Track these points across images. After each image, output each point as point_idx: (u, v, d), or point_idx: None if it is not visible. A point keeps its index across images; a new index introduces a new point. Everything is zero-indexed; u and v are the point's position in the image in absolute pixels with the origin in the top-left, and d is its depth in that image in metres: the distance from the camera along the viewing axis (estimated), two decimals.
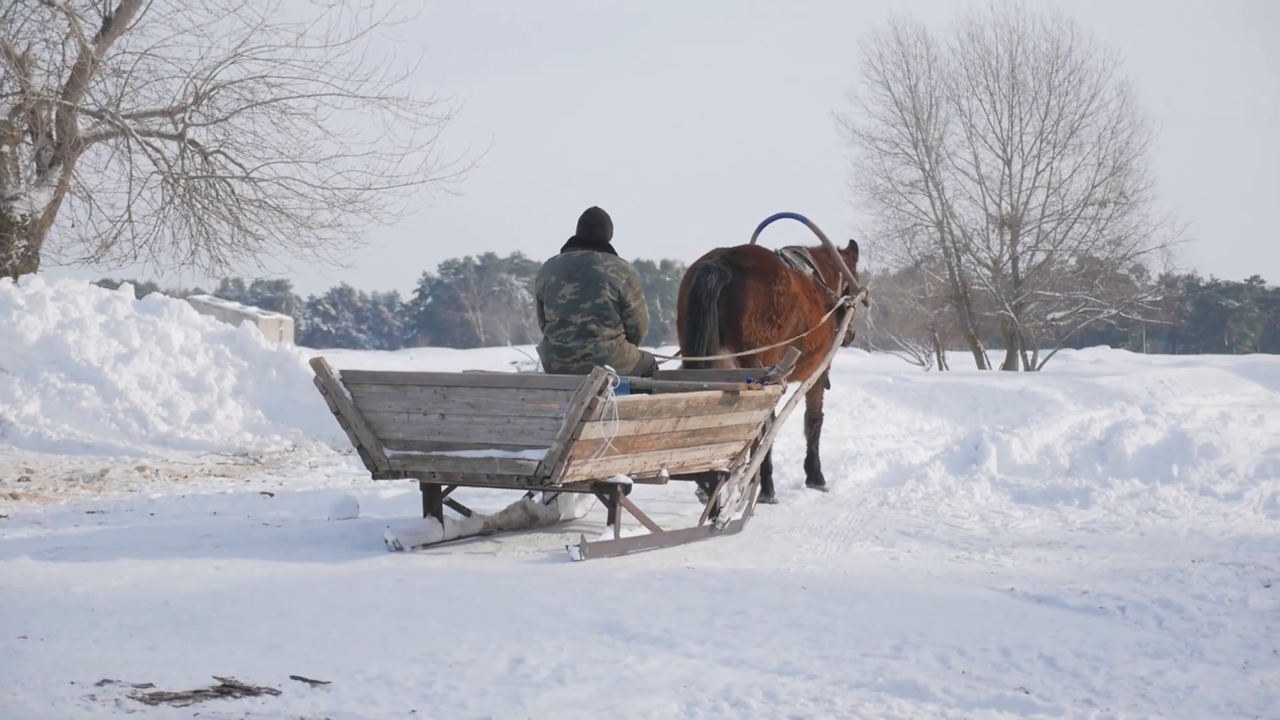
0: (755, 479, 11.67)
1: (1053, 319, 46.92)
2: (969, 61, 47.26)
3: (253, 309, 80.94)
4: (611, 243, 10.94)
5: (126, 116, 17.05)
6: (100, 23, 17.60)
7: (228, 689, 6.10)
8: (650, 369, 11.04)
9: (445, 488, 10.36)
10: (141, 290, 21.51)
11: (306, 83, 17.59)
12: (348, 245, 18.52)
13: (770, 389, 11.25)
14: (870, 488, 13.74)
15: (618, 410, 9.52)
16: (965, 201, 47.66)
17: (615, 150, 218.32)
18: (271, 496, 12.75)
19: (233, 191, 17.66)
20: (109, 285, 21.38)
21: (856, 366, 36.63)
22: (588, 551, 9.54)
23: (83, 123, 17.71)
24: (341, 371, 10.14)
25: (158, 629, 7.22)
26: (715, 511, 10.92)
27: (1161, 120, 60.79)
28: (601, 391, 9.33)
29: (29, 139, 18.58)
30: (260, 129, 17.91)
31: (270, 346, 19.33)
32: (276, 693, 6.10)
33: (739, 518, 11.22)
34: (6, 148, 18.15)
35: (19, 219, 18.55)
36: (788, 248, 13.58)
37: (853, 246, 14.71)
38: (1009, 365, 46.16)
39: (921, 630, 7.54)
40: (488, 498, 12.27)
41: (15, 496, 12.34)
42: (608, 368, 9.41)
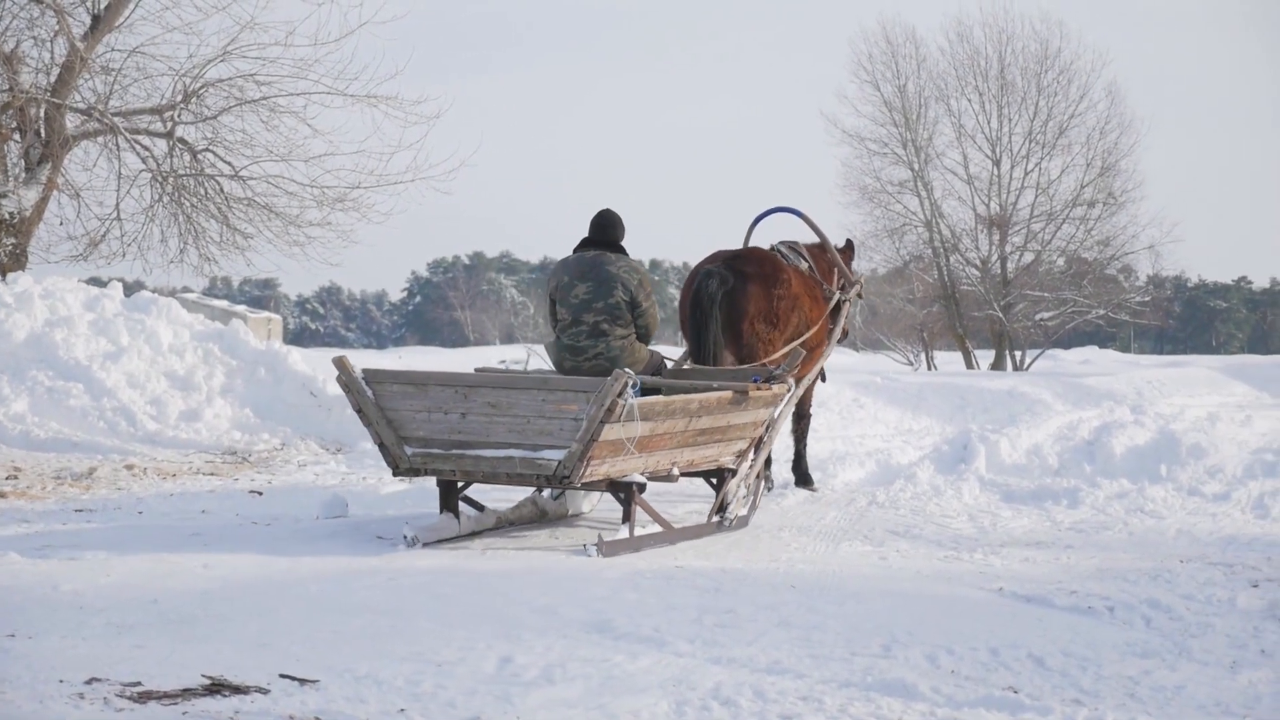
0: (760, 476, 11.88)
1: (1041, 319, 46.92)
2: (958, 62, 47.31)
3: (241, 307, 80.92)
4: (623, 244, 11.12)
5: (115, 114, 17.03)
6: (89, 20, 17.58)
7: (216, 688, 6.09)
8: (659, 368, 11.21)
9: (461, 485, 10.57)
10: (130, 288, 21.46)
11: (296, 81, 17.59)
12: (337, 244, 18.52)
13: (777, 388, 11.52)
14: (859, 487, 13.75)
15: (638, 411, 9.77)
16: (954, 201, 47.72)
17: (606, 149, 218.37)
18: (260, 495, 12.74)
19: (221, 190, 17.63)
20: (97, 283, 21.33)
21: (845, 366, 36.65)
22: (605, 550, 9.72)
23: (71, 120, 17.68)
24: (364, 370, 10.35)
25: (146, 627, 7.21)
26: (723, 508, 11.15)
27: (1150, 121, 60.85)
28: (621, 393, 9.54)
29: (17, 136, 18.55)
30: (249, 127, 17.90)
31: (259, 345, 19.30)
32: (265, 691, 6.09)
33: (745, 513, 11.43)
34: None
35: (7, 216, 18.52)
36: (783, 242, 13.66)
37: (849, 246, 14.74)
38: (997, 365, 46.18)
39: (910, 629, 7.55)
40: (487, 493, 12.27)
41: (3, 495, 12.31)
42: (627, 370, 9.64)
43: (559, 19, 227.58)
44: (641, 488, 10.29)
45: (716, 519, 11.13)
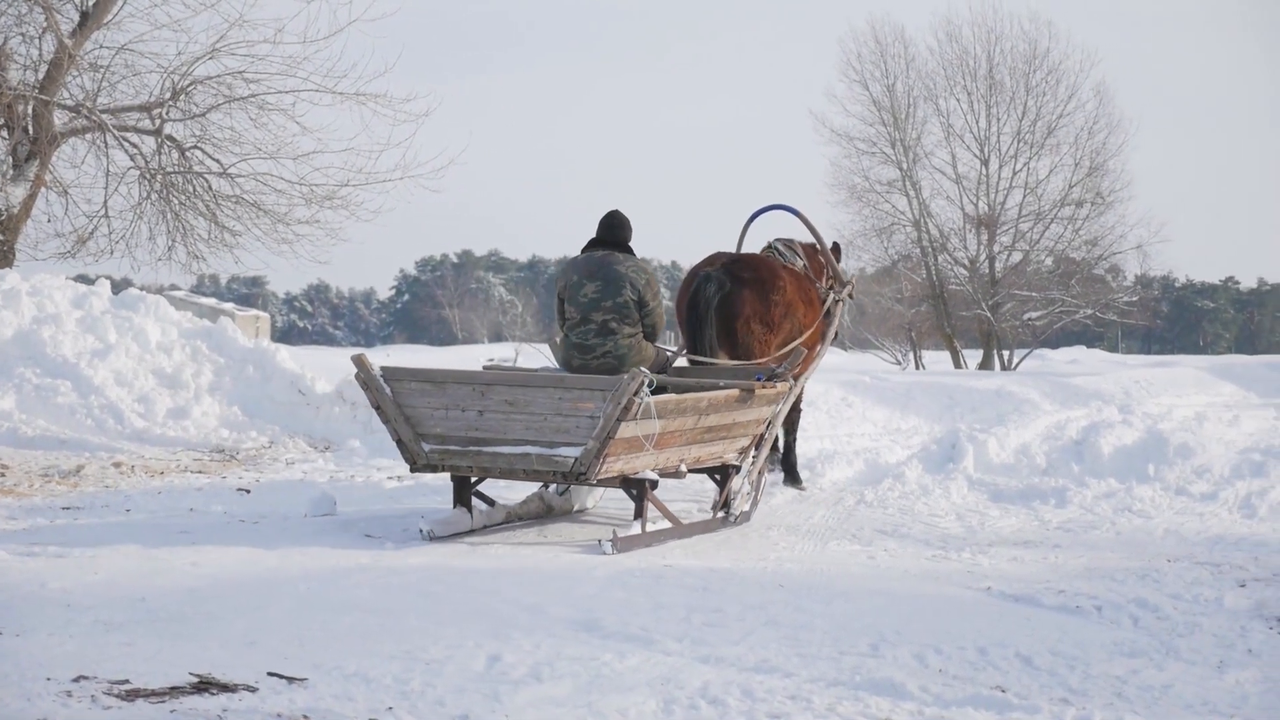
0: (762, 472, 12.09)
1: (1029, 319, 47.01)
2: (947, 61, 47.41)
3: (229, 305, 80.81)
4: (631, 244, 11.31)
5: (103, 111, 17.00)
6: (77, 17, 17.55)
7: (204, 686, 6.08)
8: (664, 366, 11.39)
9: (475, 480, 10.79)
10: (118, 286, 21.42)
11: (284, 78, 17.56)
12: (325, 242, 18.50)
13: (780, 386, 11.79)
14: (847, 486, 13.75)
15: (653, 410, 10.00)
16: (942, 201, 47.84)
17: (597, 149, 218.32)
18: (248, 493, 12.72)
19: (210, 187, 17.61)
20: (85, 280, 21.29)
21: (833, 365, 36.67)
22: (619, 545, 9.92)
23: (59, 117, 17.65)
24: (382, 368, 10.57)
25: (134, 625, 7.20)
26: (727, 504, 11.38)
27: (1138, 121, 60.95)
28: (638, 392, 9.76)
29: (5, 133, 18.51)
30: (238, 125, 17.88)
31: (247, 343, 19.28)
32: (253, 689, 6.08)
33: (748, 509, 11.67)
34: None
35: None
36: (779, 240, 13.76)
37: (835, 248, 14.76)
38: (985, 365, 46.25)
39: (899, 629, 7.56)
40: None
41: None
42: (643, 370, 9.87)
43: (556, 19, 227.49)
44: (654, 484, 10.52)
45: (721, 515, 11.36)
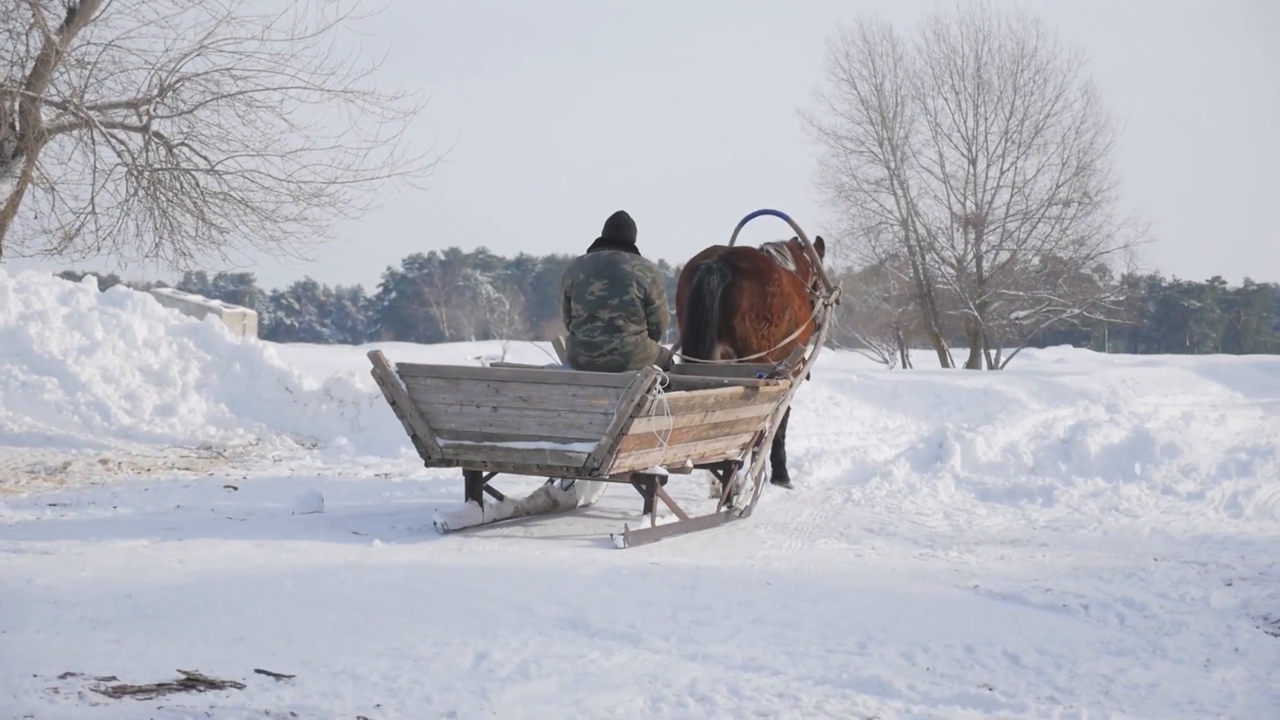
0: (763, 468, 12.31)
1: (1016, 318, 47.04)
2: (935, 60, 47.39)
3: (216, 302, 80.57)
4: (636, 244, 11.51)
5: (90, 108, 16.93)
6: (64, 13, 17.48)
7: (192, 682, 6.08)
8: (667, 363, 11.56)
9: (486, 475, 11.03)
10: (105, 283, 21.39)
11: (272, 75, 17.48)
12: (313, 239, 18.39)
13: (781, 383, 12.06)
14: (835, 485, 13.77)
15: (666, 406, 10.23)
16: (930, 200, 47.82)
17: (584, 147, 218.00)
18: (235, 490, 12.72)
19: (197, 184, 17.54)
20: (72, 277, 21.25)
21: (821, 364, 36.68)
22: (630, 540, 10.13)
23: (46, 114, 17.58)
24: (398, 364, 10.75)
25: (121, 622, 7.20)
26: (730, 499, 11.67)
27: (1125, 121, 61.07)
28: (651, 389, 9.96)
29: None
30: (225, 121, 17.78)
31: (234, 340, 19.26)
32: (241, 686, 6.08)
33: (750, 504, 11.90)
34: None
35: None
36: (769, 244, 13.86)
37: (819, 242, 14.80)
38: (972, 364, 46.28)
39: (886, 627, 7.57)
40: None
41: None
42: (656, 367, 10.09)
43: (548, 18, 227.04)
44: (663, 480, 10.76)
45: (725, 509, 11.61)
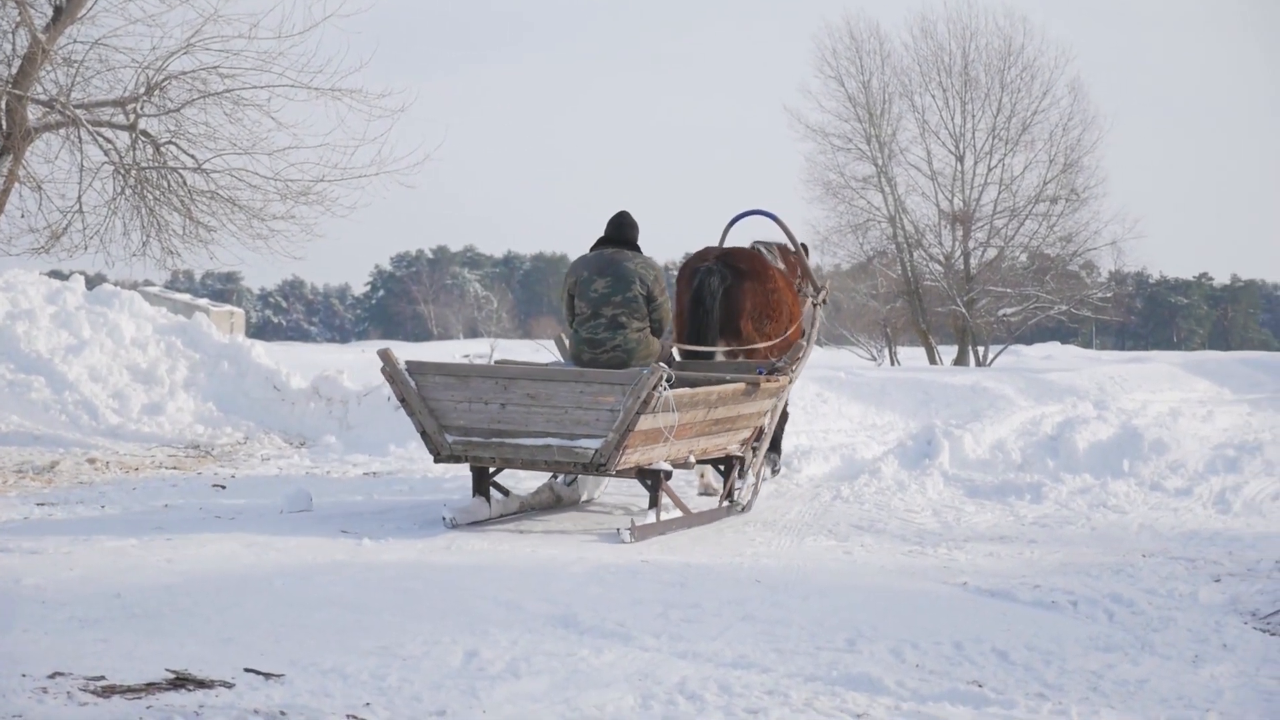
0: (763, 462, 12.53)
1: (1004, 315, 47.10)
2: (922, 57, 47.45)
3: (203, 301, 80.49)
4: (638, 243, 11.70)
5: (78, 106, 16.90)
6: (51, 12, 17.44)
7: (181, 682, 6.07)
8: (669, 359, 11.74)
9: (493, 471, 11.22)
10: (92, 281, 21.36)
11: (259, 73, 17.45)
12: (300, 237, 18.37)
13: (781, 379, 12.29)
14: (823, 482, 13.78)
15: (672, 403, 10.42)
16: (917, 197, 47.89)
17: (573, 145, 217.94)
18: (224, 489, 12.70)
19: (185, 183, 17.51)
20: (59, 276, 21.20)
21: (809, 361, 36.72)
22: (637, 534, 10.32)
23: (33, 112, 17.55)
24: (407, 362, 10.94)
25: (109, 621, 7.18)
26: (731, 494, 11.88)
27: (1113, 117, 61.08)
28: (657, 386, 10.11)
29: None
30: (213, 120, 17.76)
31: (222, 338, 19.24)
32: (230, 685, 6.07)
33: (751, 499, 12.11)
34: None
35: None
36: (759, 243, 13.97)
37: (804, 249, 14.84)
38: (960, 361, 46.33)
39: (875, 624, 7.57)
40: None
41: None
42: (662, 364, 10.27)
43: (540, 16, 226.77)
44: (668, 475, 10.90)
45: (727, 504, 11.79)
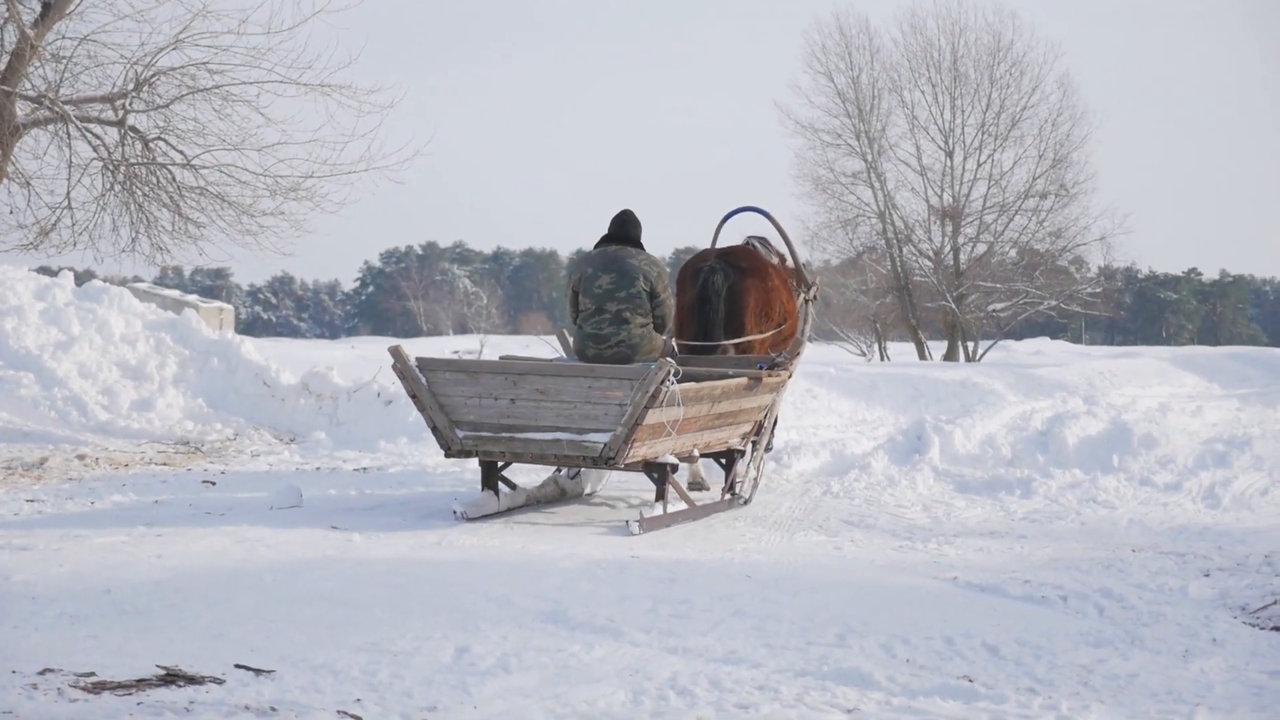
0: (763, 457, 12.77)
1: (993, 310, 47.17)
2: (911, 53, 47.54)
3: (193, 297, 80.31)
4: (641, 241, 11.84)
5: (66, 102, 16.87)
6: (39, 7, 17.42)
7: (171, 678, 6.06)
8: (671, 355, 11.76)
9: (501, 465, 11.37)
10: (81, 278, 21.31)
11: (248, 69, 17.44)
12: (290, 233, 18.35)
13: (781, 374, 12.56)
14: (813, 477, 13.79)
15: (678, 397, 10.62)
16: (907, 193, 47.97)
17: (562, 141, 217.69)
18: (214, 485, 12.69)
19: (174, 179, 17.48)
20: (48, 272, 21.19)
21: (802, 357, 36.70)
22: (645, 526, 10.52)
23: (21, 108, 17.52)
24: (418, 358, 11.20)
25: (100, 618, 7.17)
26: (733, 487, 12.08)
27: (1102, 113, 61.23)
28: (664, 380, 10.32)
29: None
30: (202, 116, 17.74)
31: (212, 335, 19.23)
32: (221, 681, 6.07)
33: (751, 491, 12.33)
34: None
35: None
36: (754, 238, 14.04)
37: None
38: (950, 356, 46.39)
39: (865, 619, 7.58)
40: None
41: None
42: (670, 359, 10.51)
43: (533, 13, 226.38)
44: (674, 468, 11.13)
45: (728, 497, 11.98)
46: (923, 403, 21.68)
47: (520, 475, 12.29)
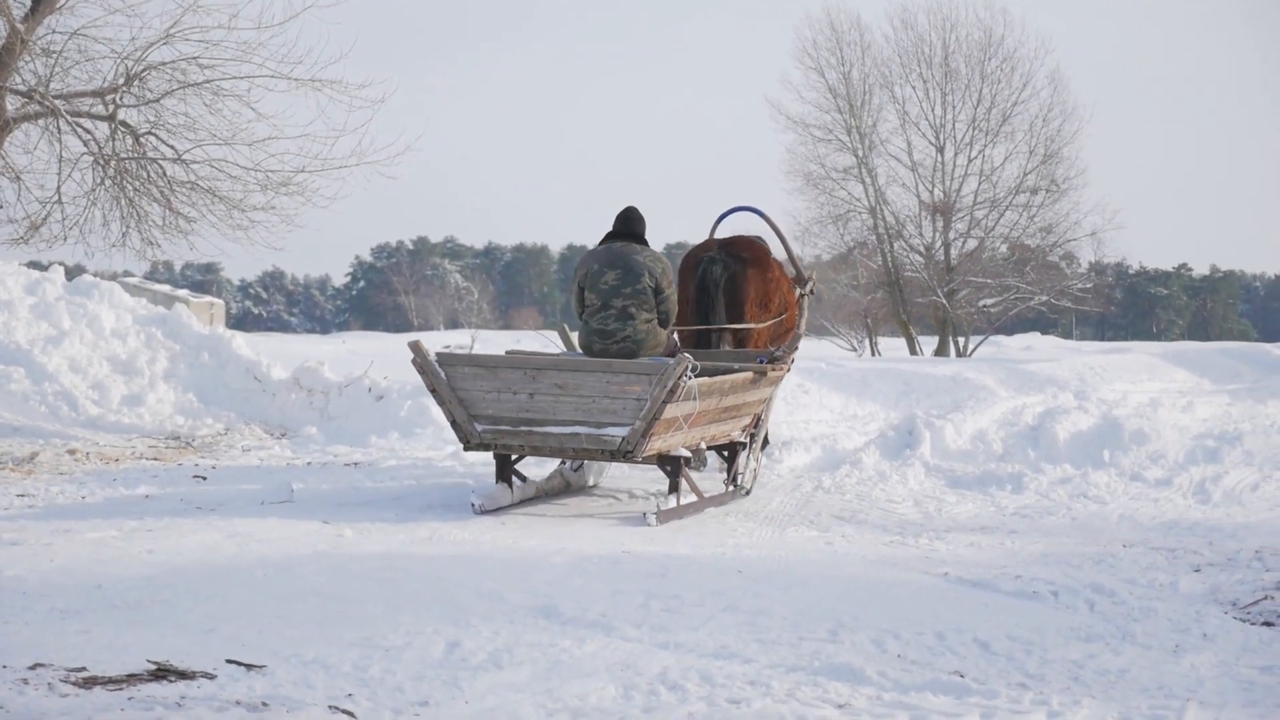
0: (760, 448, 12.94)
1: (984, 305, 47.17)
2: (902, 48, 47.48)
3: (183, 291, 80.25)
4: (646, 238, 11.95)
5: (56, 97, 16.83)
6: (29, 1, 17.40)
7: (162, 673, 6.06)
8: (674, 350, 11.85)
9: (515, 459, 11.59)
10: (71, 272, 21.29)
11: (239, 64, 17.41)
12: (280, 228, 18.32)
13: (782, 367, 12.73)
14: (805, 473, 13.79)
15: (695, 391, 10.84)
16: (898, 188, 47.92)
17: (555, 137, 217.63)
18: (204, 480, 12.67)
19: (164, 173, 17.45)
20: (38, 267, 21.15)
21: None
22: (662, 518, 10.75)
23: (11, 103, 17.49)
24: (437, 353, 11.36)
25: (90, 613, 7.17)
26: (735, 478, 12.33)
27: (1092, 109, 61.30)
28: (682, 375, 10.52)
29: None
30: (192, 110, 17.71)
31: (202, 329, 19.20)
32: (212, 676, 6.06)
33: (751, 481, 12.59)
34: None
35: None
36: (753, 236, 14.13)
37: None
38: (941, 351, 46.39)
39: (857, 614, 7.58)
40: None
41: None
42: (687, 355, 10.80)
43: (527, 9, 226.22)
44: (687, 461, 11.36)
45: (731, 488, 12.22)
46: (914, 398, 21.68)
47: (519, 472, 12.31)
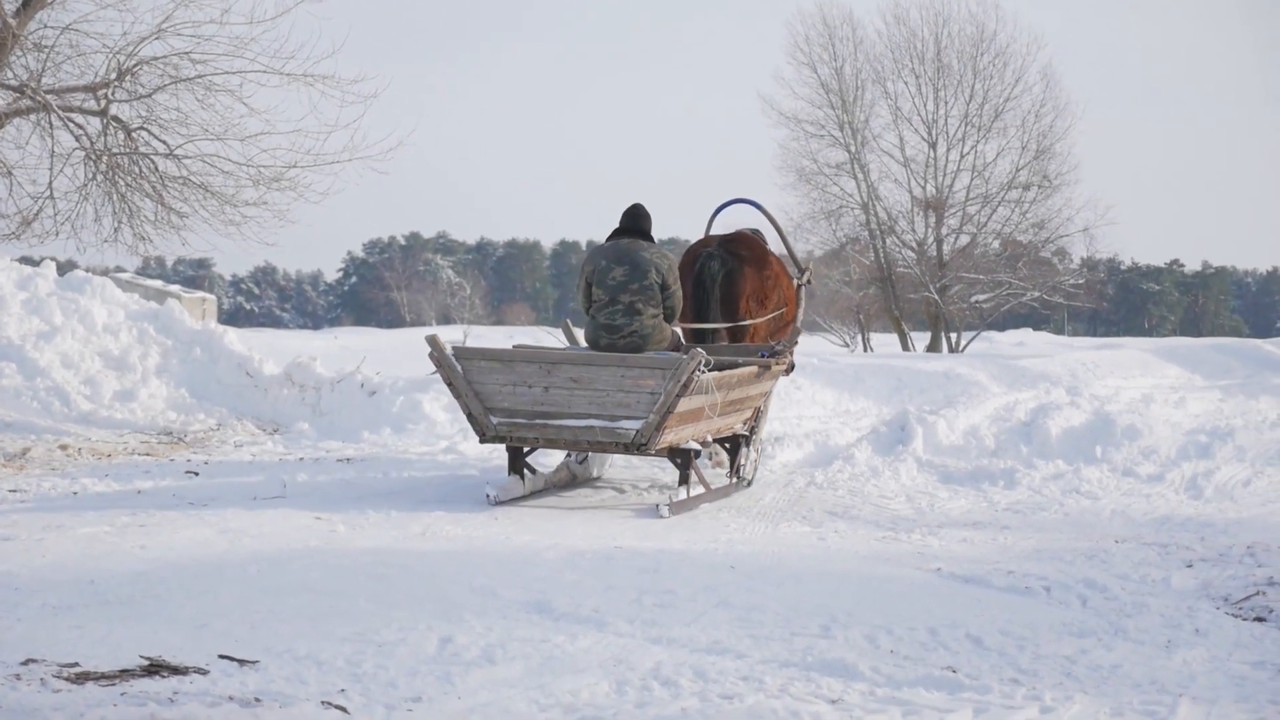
0: (760, 441, 13.13)
1: (976, 301, 47.21)
2: (895, 44, 47.57)
3: (175, 287, 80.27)
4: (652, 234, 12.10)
5: (48, 92, 16.81)
6: None
7: (155, 669, 6.05)
8: (678, 345, 12.03)
9: (527, 451, 11.77)
10: (63, 268, 21.25)
11: (231, 59, 17.39)
12: (273, 224, 18.30)
13: (783, 362, 12.94)
14: (797, 468, 13.80)
15: (711, 385, 11.06)
16: (890, 184, 48.01)
17: (549, 134, 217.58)
18: (197, 475, 12.66)
19: (156, 169, 17.43)
20: (30, 262, 21.10)
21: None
22: (674, 509, 10.97)
23: (3, 98, 17.46)
24: (454, 347, 11.48)
25: (83, 608, 7.16)
26: (738, 470, 12.53)
27: (1085, 105, 61.21)
28: (696, 370, 10.68)
29: None
30: (184, 106, 17.69)
31: (194, 325, 19.17)
32: (204, 672, 6.06)
33: (753, 473, 12.86)
34: None
35: None
36: (748, 229, 14.22)
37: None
38: (933, 347, 46.44)
39: (850, 610, 7.58)
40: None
41: None
42: (700, 349, 10.97)
43: (520, 8, 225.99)
44: (696, 454, 11.56)
45: (735, 480, 12.44)
46: (906, 394, 21.70)
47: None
